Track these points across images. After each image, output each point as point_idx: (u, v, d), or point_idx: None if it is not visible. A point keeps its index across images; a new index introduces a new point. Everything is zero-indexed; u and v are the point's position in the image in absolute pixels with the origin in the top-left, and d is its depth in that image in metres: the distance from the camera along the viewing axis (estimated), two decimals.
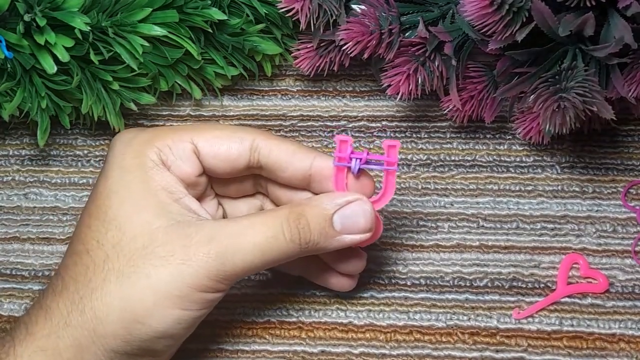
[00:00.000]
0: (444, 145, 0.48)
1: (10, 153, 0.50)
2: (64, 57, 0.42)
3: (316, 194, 0.39)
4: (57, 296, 0.35)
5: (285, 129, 0.49)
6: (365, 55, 0.44)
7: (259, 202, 0.42)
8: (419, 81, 0.44)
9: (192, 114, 0.50)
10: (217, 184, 0.40)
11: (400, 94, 0.44)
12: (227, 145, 0.37)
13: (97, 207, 0.36)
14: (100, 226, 0.36)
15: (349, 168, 0.37)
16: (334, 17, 0.44)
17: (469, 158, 0.47)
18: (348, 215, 0.36)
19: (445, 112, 0.46)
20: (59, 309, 0.35)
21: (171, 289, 0.34)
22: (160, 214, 0.35)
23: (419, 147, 0.48)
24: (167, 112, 0.50)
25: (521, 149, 0.47)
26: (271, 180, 0.39)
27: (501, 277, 0.44)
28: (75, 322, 0.34)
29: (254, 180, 0.40)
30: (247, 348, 0.43)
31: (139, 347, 0.35)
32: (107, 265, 0.35)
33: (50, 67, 0.43)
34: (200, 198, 0.39)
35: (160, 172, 0.36)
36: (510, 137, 0.48)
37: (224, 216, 0.41)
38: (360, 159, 0.37)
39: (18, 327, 0.35)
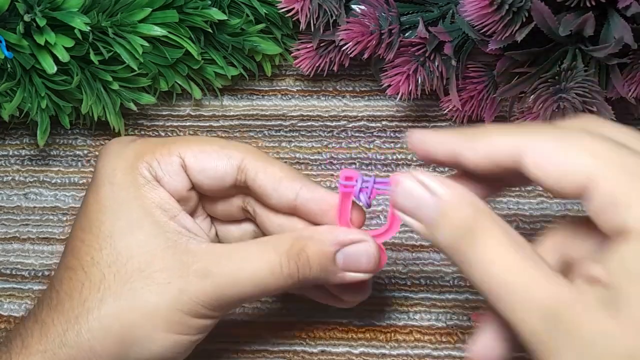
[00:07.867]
0: None
1: (10, 153, 0.50)
2: (64, 57, 0.42)
3: (303, 219, 0.37)
4: (52, 311, 0.35)
5: (285, 129, 0.49)
6: (365, 56, 0.44)
7: (251, 228, 0.41)
8: (419, 81, 0.44)
9: (192, 114, 0.50)
10: (206, 202, 0.39)
11: (400, 94, 0.44)
12: (214, 162, 0.36)
13: (89, 220, 0.36)
14: (93, 241, 0.35)
15: (354, 201, 0.36)
16: (334, 17, 0.44)
17: None
18: (351, 254, 0.35)
19: (445, 112, 0.46)
20: (55, 326, 0.35)
21: (170, 316, 0.34)
22: (156, 234, 0.35)
23: None
24: (167, 112, 0.50)
25: None
26: (260, 203, 0.38)
27: None
28: (72, 343, 0.34)
29: (242, 202, 0.39)
30: (247, 348, 0.43)
31: None
32: (104, 285, 0.34)
33: (50, 67, 0.43)
34: (192, 215, 0.38)
35: (153, 189, 0.36)
36: None
37: (217, 236, 0.40)
38: (370, 197, 0.36)
39: (14, 338, 0.35)
